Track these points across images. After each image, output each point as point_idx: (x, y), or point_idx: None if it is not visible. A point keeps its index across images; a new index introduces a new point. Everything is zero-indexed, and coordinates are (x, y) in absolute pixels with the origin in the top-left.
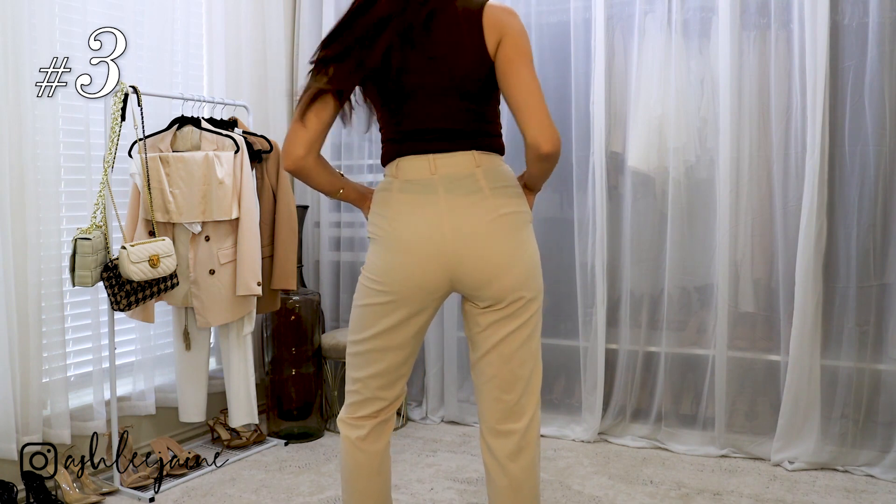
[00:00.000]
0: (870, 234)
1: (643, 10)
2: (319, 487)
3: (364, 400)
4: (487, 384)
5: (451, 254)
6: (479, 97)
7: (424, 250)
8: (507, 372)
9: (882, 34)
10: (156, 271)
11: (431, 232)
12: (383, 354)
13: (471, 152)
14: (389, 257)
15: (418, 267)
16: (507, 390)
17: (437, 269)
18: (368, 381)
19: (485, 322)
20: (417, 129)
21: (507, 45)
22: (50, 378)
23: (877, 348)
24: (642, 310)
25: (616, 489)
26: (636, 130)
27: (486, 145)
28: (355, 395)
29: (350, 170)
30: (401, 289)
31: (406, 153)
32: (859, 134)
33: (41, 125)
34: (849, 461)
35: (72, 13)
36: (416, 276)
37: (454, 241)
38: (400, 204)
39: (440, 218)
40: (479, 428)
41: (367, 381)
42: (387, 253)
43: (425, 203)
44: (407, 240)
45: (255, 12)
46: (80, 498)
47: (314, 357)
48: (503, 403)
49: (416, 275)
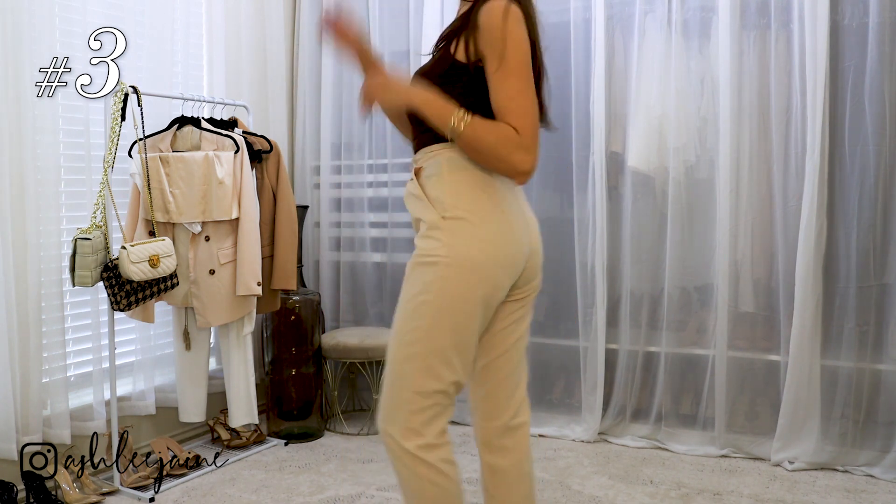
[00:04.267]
0: (870, 234)
1: (643, 10)
2: (319, 487)
3: (448, 406)
4: (504, 382)
5: (532, 241)
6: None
7: (525, 238)
8: (522, 367)
9: (882, 34)
10: (156, 271)
11: (527, 218)
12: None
13: None
14: (503, 244)
15: (521, 255)
16: (521, 384)
17: (525, 258)
18: (461, 381)
19: (509, 319)
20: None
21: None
22: (50, 378)
23: (877, 348)
24: (642, 310)
25: (616, 489)
26: (636, 130)
27: None
28: (436, 406)
29: (350, 170)
30: (506, 278)
31: None
32: (859, 134)
33: (41, 125)
34: (849, 461)
35: (72, 13)
36: (519, 265)
37: (535, 227)
38: (503, 186)
39: (524, 203)
40: (483, 430)
41: (459, 383)
42: (497, 232)
43: (513, 187)
44: (515, 226)
45: (255, 12)
46: (80, 498)
47: (314, 357)
48: (517, 399)
49: (519, 263)
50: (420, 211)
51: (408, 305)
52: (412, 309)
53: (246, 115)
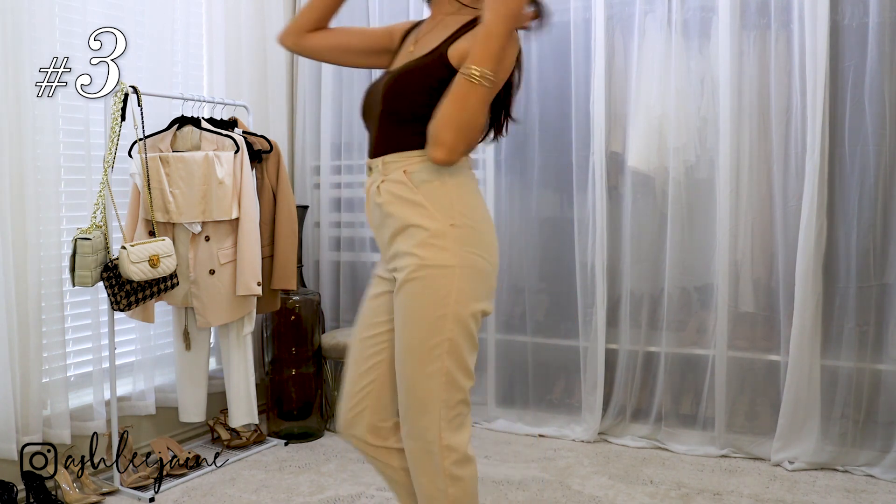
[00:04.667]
0: (870, 234)
1: (643, 10)
2: (319, 487)
3: (469, 412)
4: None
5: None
6: None
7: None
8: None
9: (882, 34)
10: (156, 271)
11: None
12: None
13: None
14: (496, 251)
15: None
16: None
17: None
18: (472, 384)
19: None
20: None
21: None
22: (50, 378)
23: (877, 348)
24: (642, 310)
25: (616, 489)
26: (636, 130)
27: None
28: (460, 416)
29: (350, 170)
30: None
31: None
32: (859, 134)
33: (41, 125)
34: (849, 461)
35: (72, 13)
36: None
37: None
38: (476, 188)
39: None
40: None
41: (471, 386)
42: (493, 239)
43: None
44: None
45: (255, 12)
46: (80, 498)
47: (314, 357)
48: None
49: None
50: (417, 217)
51: (422, 322)
52: (430, 325)
53: (246, 115)
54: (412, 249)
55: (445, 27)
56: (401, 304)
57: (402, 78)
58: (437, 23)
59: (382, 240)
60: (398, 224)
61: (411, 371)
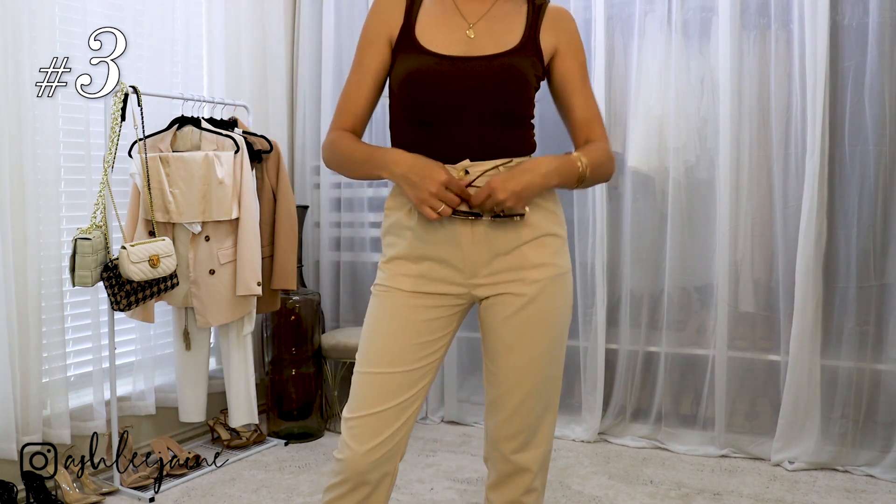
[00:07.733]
0: (870, 234)
1: (643, 10)
2: (319, 487)
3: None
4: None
5: None
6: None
7: None
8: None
9: (882, 34)
10: (156, 271)
11: None
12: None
13: None
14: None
15: None
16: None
17: None
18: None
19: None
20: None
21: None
22: (50, 378)
23: (877, 348)
24: (642, 310)
25: (616, 489)
26: (636, 130)
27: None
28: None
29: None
30: None
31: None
32: (859, 134)
33: (41, 125)
34: (849, 461)
35: (72, 13)
36: None
37: None
38: None
39: None
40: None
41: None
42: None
43: None
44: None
45: (255, 12)
46: (80, 498)
47: (314, 357)
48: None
49: None
50: (553, 226)
51: (560, 328)
52: (563, 330)
53: (246, 115)
54: (549, 259)
55: (505, 14)
56: (537, 314)
57: (512, 78)
58: (482, 2)
59: (482, 253)
60: (534, 234)
61: (543, 378)
